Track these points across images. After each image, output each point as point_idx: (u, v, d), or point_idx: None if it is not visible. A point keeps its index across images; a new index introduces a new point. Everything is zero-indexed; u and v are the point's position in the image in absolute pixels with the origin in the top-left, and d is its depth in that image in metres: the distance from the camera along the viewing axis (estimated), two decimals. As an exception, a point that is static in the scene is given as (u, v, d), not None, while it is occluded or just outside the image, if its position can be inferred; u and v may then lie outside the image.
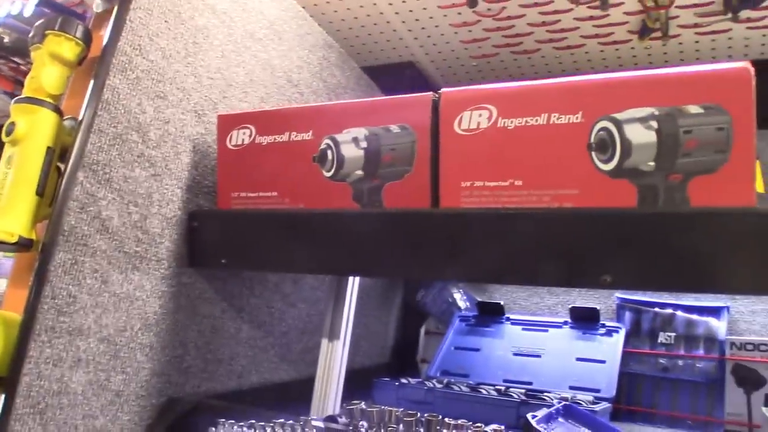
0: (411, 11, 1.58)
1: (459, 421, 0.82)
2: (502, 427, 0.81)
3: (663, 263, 0.77)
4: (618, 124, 0.79)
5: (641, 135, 0.78)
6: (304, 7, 1.54)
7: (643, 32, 1.56)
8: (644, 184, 0.79)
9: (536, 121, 0.83)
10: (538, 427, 0.88)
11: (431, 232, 0.88)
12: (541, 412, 0.95)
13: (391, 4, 1.56)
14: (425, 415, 0.84)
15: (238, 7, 1.22)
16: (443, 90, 0.91)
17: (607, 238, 0.79)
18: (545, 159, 0.83)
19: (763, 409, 0.97)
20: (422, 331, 1.79)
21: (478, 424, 0.82)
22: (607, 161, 0.80)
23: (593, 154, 0.81)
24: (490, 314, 1.67)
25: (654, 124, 0.78)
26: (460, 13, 1.56)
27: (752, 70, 0.76)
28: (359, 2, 1.56)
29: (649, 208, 0.78)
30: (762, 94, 1.75)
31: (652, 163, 0.78)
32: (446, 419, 0.83)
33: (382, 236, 0.92)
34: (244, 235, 1.05)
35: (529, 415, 0.90)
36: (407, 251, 0.91)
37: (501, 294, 1.79)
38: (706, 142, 0.76)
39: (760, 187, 1.52)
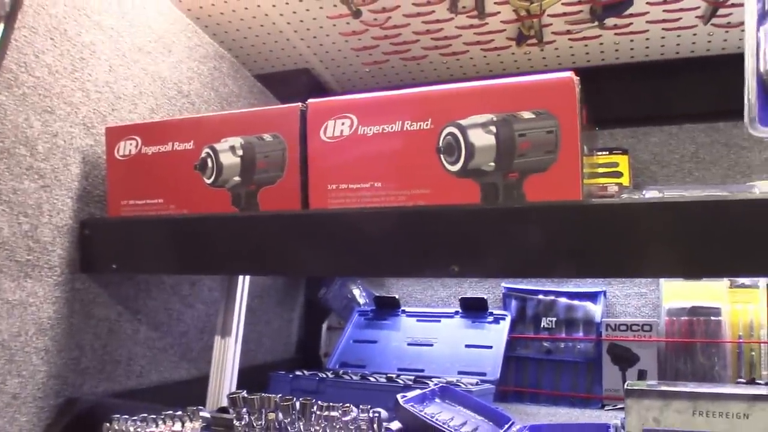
0: (302, 21, 1.65)
1: (329, 404, 0.90)
2: (369, 407, 0.89)
3: (504, 252, 0.87)
4: (462, 129, 0.89)
5: (482, 139, 0.88)
6: (198, 18, 1.60)
7: (520, 39, 1.67)
8: (486, 182, 0.88)
9: (392, 128, 0.92)
10: (405, 405, 0.97)
11: (302, 232, 0.96)
12: (413, 393, 1.04)
13: (282, 15, 1.63)
14: (300, 399, 0.92)
15: (126, 22, 1.27)
16: (310, 101, 0.98)
17: (455, 231, 0.88)
18: (400, 162, 0.92)
19: (629, 382, 1.08)
20: (324, 326, 1.87)
21: (347, 405, 0.90)
22: (453, 163, 0.89)
23: (442, 157, 0.90)
24: (386, 308, 1.76)
25: (493, 128, 0.88)
26: (348, 23, 1.65)
27: (576, 79, 0.87)
28: (251, 13, 1.63)
29: (491, 204, 0.88)
30: (635, 95, 1.89)
31: (492, 164, 0.88)
32: (319, 402, 0.91)
33: (259, 237, 0.99)
34: (132, 241, 1.11)
35: (399, 396, 0.99)
36: (283, 250, 0.99)
37: (398, 288, 1.89)
38: (538, 144, 0.86)
39: (626, 180, 1.65)
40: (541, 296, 1.72)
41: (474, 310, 1.68)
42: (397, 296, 1.77)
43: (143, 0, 1.32)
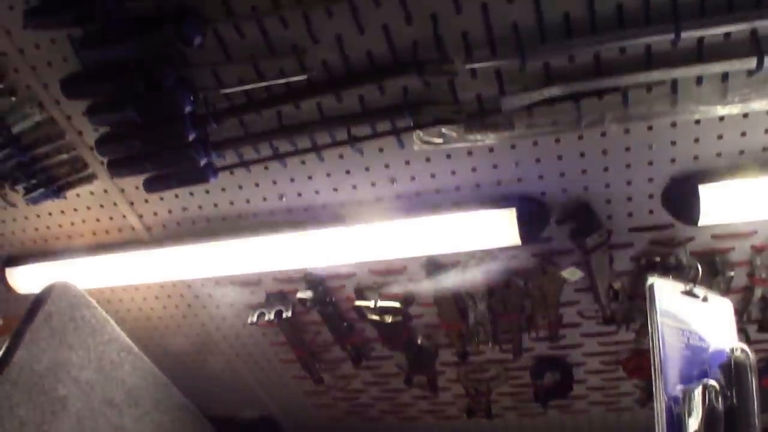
0: (268, 377, 1.77)
1: None
2: None
3: None
4: None
5: None
6: (173, 367, 1.70)
7: (470, 413, 1.77)
8: None
9: None
10: None
11: None
12: None
13: (251, 371, 1.75)
14: None
15: (101, 377, 1.37)
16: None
17: None
18: None
19: None
20: None
21: None
22: None
23: None
24: None
25: None
26: (311, 383, 1.76)
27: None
28: (221, 366, 1.75)
29: None
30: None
31: None
32: None
33: None
34: None
35: None
36: None
37: None
38: None
39: None
40: None
41: None
42: None
43: (122, 357, 1.44)
